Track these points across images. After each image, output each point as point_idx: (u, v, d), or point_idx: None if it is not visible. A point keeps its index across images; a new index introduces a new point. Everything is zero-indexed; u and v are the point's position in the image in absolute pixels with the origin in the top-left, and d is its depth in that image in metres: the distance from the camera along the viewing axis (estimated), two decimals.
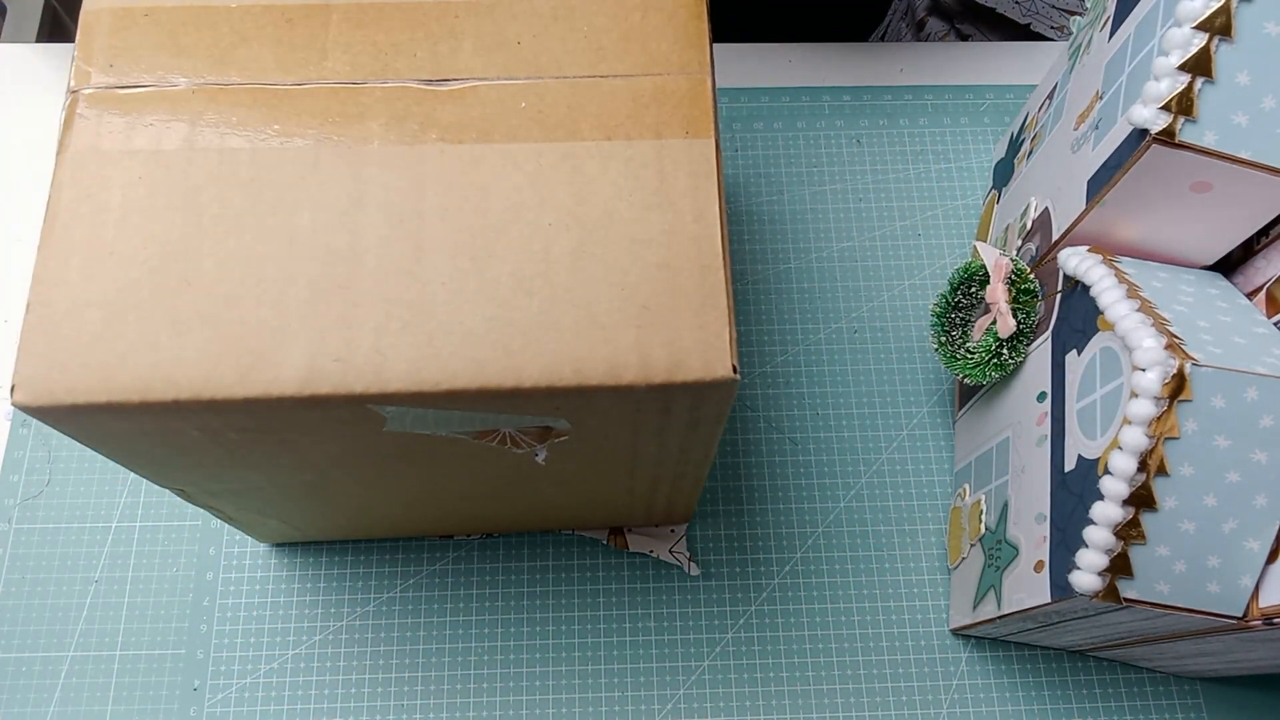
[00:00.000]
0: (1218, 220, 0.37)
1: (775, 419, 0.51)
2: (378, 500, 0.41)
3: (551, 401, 0.30)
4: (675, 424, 0.33)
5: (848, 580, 0.48)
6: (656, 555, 0.48)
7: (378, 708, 0.45)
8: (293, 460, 0.34)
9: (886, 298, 0.54)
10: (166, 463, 0.33)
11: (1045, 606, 0.37)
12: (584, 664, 0.46)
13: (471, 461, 0.35)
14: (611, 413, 0.31)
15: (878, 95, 0.58)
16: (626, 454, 0.36)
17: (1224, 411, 0.32)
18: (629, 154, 0.31)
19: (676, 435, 0.34)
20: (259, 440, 0.32)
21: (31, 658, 0.46)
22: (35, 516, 0.48)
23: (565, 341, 0.29)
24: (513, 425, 0.32)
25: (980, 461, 0.46)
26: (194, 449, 0.32)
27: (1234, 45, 0.32)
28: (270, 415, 0.29)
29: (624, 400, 0.30)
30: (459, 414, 0.30)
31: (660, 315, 0.29)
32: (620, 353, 0.29)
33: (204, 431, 0.30)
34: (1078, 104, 0.42)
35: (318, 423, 0.30)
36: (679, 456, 0.37)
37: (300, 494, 0.39)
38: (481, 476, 0.38)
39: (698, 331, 0.29)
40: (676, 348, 0.29)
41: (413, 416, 0.30)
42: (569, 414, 0.31)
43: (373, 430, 0.31)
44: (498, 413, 0.30)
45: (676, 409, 0.31)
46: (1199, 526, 0.33)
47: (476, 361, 0.28)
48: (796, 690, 0.46)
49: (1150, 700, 0.46)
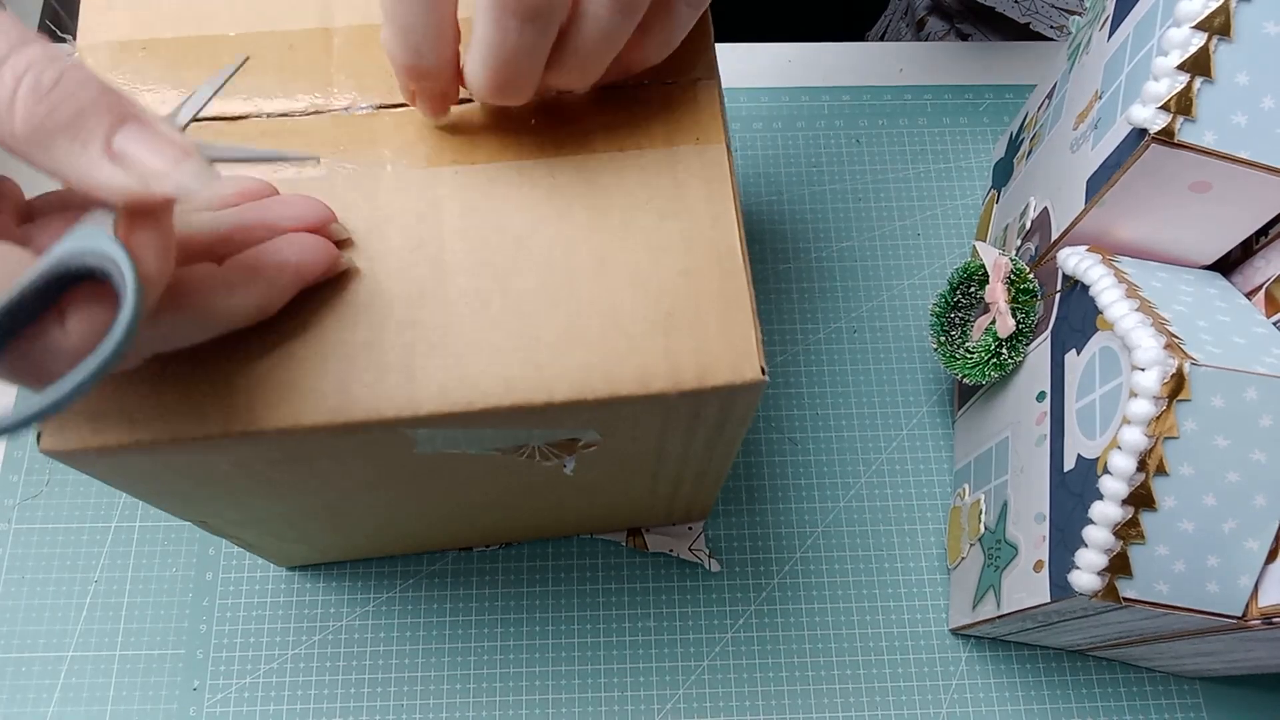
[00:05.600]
0: (1217, 220, 0.37)
1: (775, 419, 0.51)
2: (402, 519, 0.41)
3: (582, 414, 0.29)
4: (703, 426, 0.33)
5: (848, 580, 0.48)
6: (676, 554, 0.48)
7: (378, 708, 0.45)
8: (320, 486, 0.34)
9: (886, 298, 0.54)
10: (192, 496, 0.33)
11: (1045, 606, 0.37)
12: (584, 664, 0.46)
13: (498, 475, 0.35)
14: (641, 420, 0.31)
15: (878, 95, 0.58)
16: (652, 459, 0.36)
17: (1223, 411, 0.32)
18: (642, 163, 0.31)
19: (703, 437, 0.34)
20: (288, 469, 0.31)
21: (31, 658, 0.46)
22: (35, 516, 0.48)
23: (594, 353, 0.29)
24: (542, 439, 0.32)
25: (980, 461, 0.46)
26: (222, 481, 0.32)
27: (1233, 45, 0.32)
28: (302, 444, 0.29)
29: (654, 408, 0.30)
30: (489, 432, 0.30)
31: (686, 321, 0.29)
32: (649, 361, 0.29)
33: (235, 465, 0.30)
34: (1077, 104, 0.42)
35: (348, 448, 0.30)
36: (703, 456, 0.36)
37: (325, 517, 0.39)
38: (507, 490, 0.37)
39: (724, 335, 0.29)
40: (704, 352, 0.29)
41: (443, 437, 0.30)
42: (599, 425, 0.31)
43: (403, 452, 0.31)
44: (528, 429, 0.30)
45: (705, 413, 0.31)
46: (1198, 526, 0.33)
47: (506, 379, 0.28)
48: (796, 690, 0.46)
49: (1150, 700, 0.46)
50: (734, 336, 0.29)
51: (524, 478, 0.36)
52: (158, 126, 0.21)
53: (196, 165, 0.21)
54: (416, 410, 0.28)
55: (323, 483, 0.34)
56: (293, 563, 0.47)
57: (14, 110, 0.20)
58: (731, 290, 0.30)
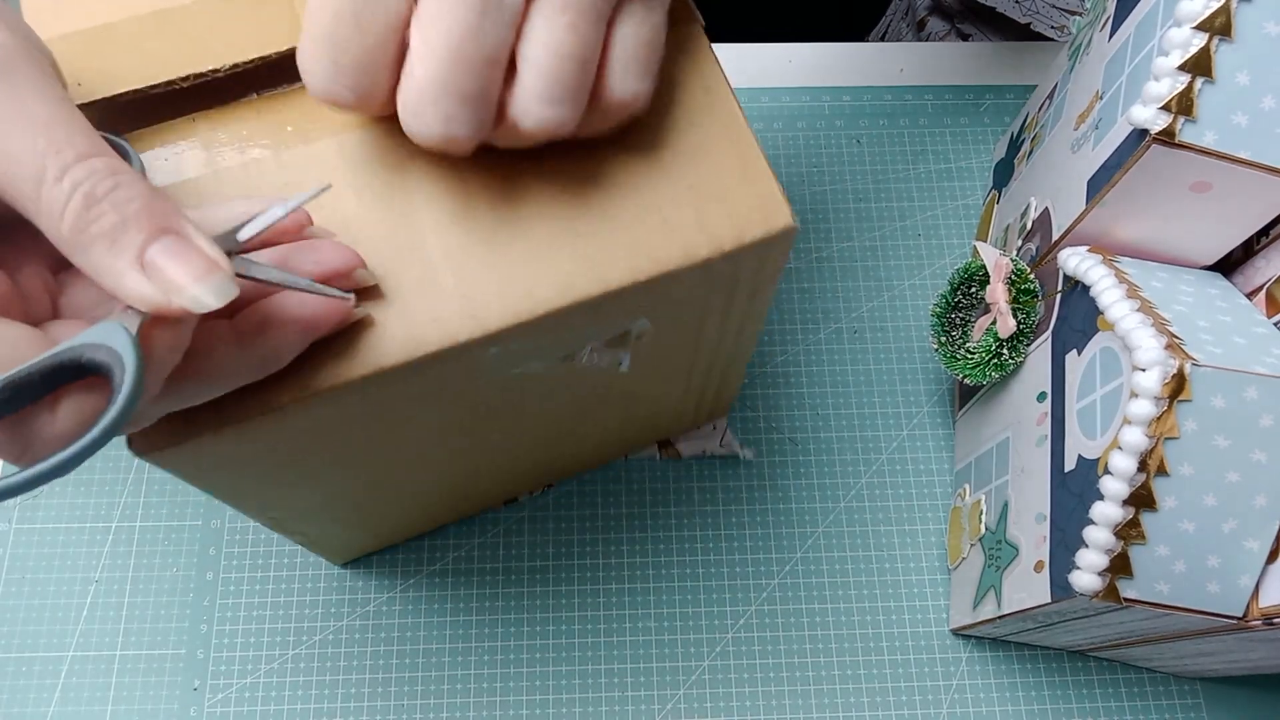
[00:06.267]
0: (1218, 220, 0.37)
1: (775, 419, 0.51)
2: (459, 475, 0.41)
3: (635, 299, 0.31)
4: (740, 292, 0.34)
5: (848, 580, 0.48)
6: (709, 454, 0.50)
7: (378, 708, 0.45)
8: (392, 445, 0.35)
9: (886, 298, 0.54)
10: (273, 482, 0.34)
11: (1045, 606, 0.37)
12: (584, 664, 0.46)
13: (554, 396, 0.36)
14: (685, 299, 0.33)
15: (878, 95, 0.58)
16: (691, 344, 0.37)
17: (1224, 411, 0.32)
18: None
19: (739, 307, 0.35)
20: (366, 428, 0.32)
21: (31, 658, 0.46)
22: (35, 516, 0.48)
23: (635, 236, 0.30)
24: (597, 338, 0.33)
25: (980, 461, 0.46)
26: (303, 456, 0.32)
27: (1234, 45, 0.32)
28: (379, 392, 0.30)
29: (699, 279, 0.31)
30: (550, 340, 0.31)
31: (709, 191, 0.30)
32: (687, 233, 0.30)
33: (312, 433, 0.31)
34: (1078, 104, 0.42)
35: (422, 390, 0.31)
36: (736, 332, 0.38)
37: (390, 486, 0.39)
38: (559, 417, 0.39)
39: (748, 194, 0.30)
40: (735, 214, 0.30)
41: (509, 355, 0.31)
42: (649, 309, 0.32)
43: (470, 388, 0.32)
44: (585, 326, 0.31)
45: (743, 275, 0.33)
46: (1199, 526, 0.33)
47: (560, 280, 0.29)
48: (797, 690, 0.46)
49: (1150, 700, 0.46)
50: (758, 193, 0.30)
51: (577, 393, 0.37)
52: (195, 241, 0.22)
53: (219, 281, 0.22)
54: (485, 329, 0.29)
55: (395, 440, 0.34)
56: (349, 554, 0.47)
57: (65, 216, 0.21)
58: (743, 152, 0.31)
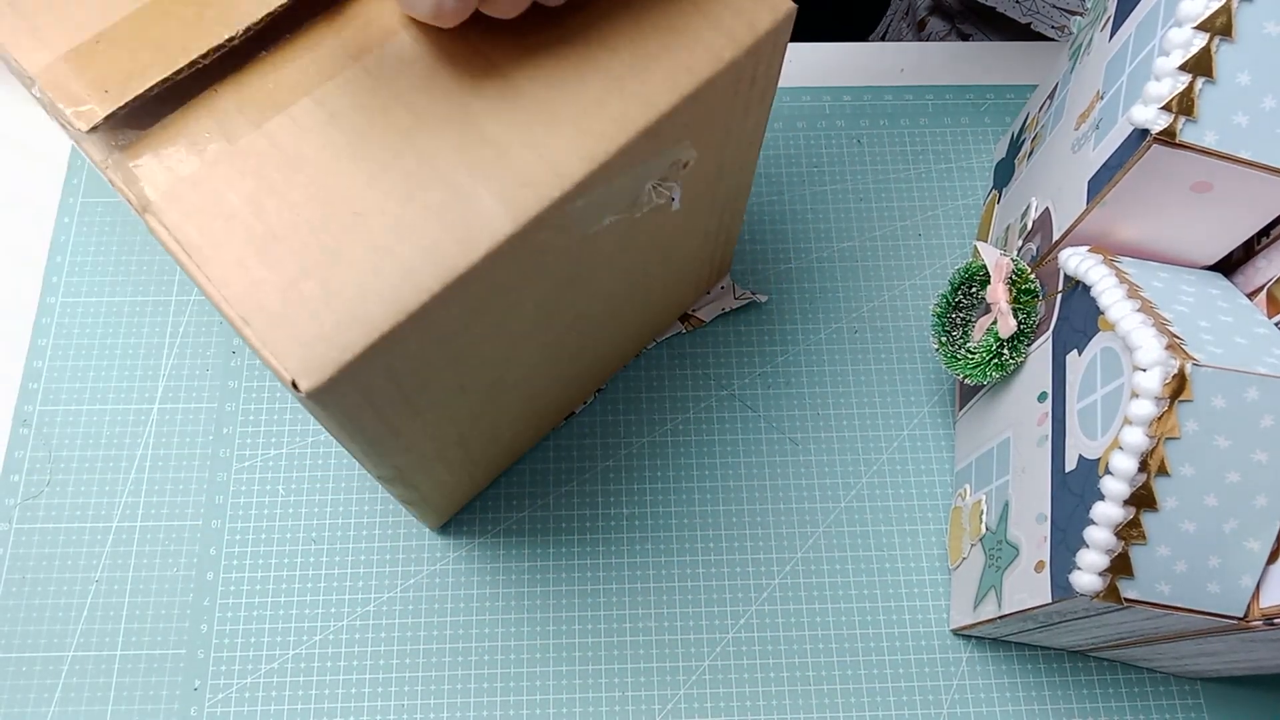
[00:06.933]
0: (1218, 220, 0.37)
1: (775, 419, 0.51)
2: (545, 364, 0.43)
3: (683, 118, 0.33)
4: (755, 94, 0.36)
5: (848, 580, 0.48)
6: (727, 309, 0.53)
7: (378, 708, 0.45)
8: (498, 341, 0.36)
9: (887, 298, 0.54)
10: (405, 406, 0.34)
11: (1046, 606, 0.37)
12: (584, 664, 0.46)
13: (616, 259, 0.39)
14: (718, 107, 0.35)
15: (878, 95, 0.58)
16: (715, 172, 0.40)
17: (1224, 411, 0.32)
18: None
19: (753, 113, 0.38)
20: (479, 319, 0.33)
21: (31, 658, 0.46)
22: (35, 516, 0.48)
23: (667, 59, 0.32)
24: (653, 173, 0.35)
25: (981, 461, 0.46)
26: (429, 371, 0.33)
27: (1234, 45, 0.32)
28: (495, 270, 0.31)
29: (730, 82, 0.34)
30: (619, 185, 0.33)
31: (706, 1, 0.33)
32: (708, 43, 0.33)
33: (439, 342, 0.32)
34: (1078, 104, 0.42)
35: (525, 263, 0.33)
36: (748, 144, 0.40)
37: (492, 399, 0.41)
38: (620, 276, 0.41)
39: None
40: (737, 11, 0.33)
41: (590, 207, 0.33)
42: (693, 128, 0.34)
43: (560, 246, 0.34)
44: (647, 160, 0.34)
45: (760, 73, 0.35)
46: (1200, 526, 0.33)
47: (617, 117, 0.32)
48: (797, 690, 0.46)
49: (1150, 700, 0.46)
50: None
51: (633, 257, 0.40)
52: None
53: None
54: (572, 181, 0.31)
55: (500, 335, 0.36)
56: (449, 511, 0.48)
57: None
58: None
